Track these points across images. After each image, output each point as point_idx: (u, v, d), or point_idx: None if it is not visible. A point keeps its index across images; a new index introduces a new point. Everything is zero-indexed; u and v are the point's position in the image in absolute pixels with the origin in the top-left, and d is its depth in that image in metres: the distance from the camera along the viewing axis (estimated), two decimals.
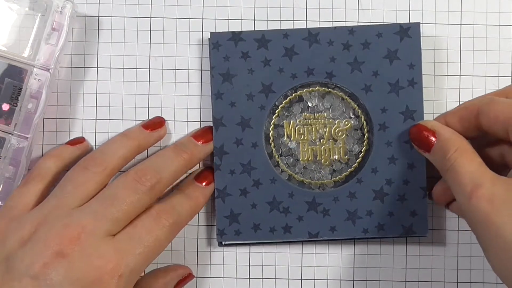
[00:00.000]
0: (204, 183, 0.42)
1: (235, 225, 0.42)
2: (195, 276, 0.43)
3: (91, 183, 0.39)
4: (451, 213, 0.44)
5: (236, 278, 0.43)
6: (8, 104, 0.41)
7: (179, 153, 0.41)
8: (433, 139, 0.39)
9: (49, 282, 0.34)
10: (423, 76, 0.43)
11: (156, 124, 0.43)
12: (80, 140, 0.43)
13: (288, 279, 0.44)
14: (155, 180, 0.39)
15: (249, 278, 0.43)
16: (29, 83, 0.41)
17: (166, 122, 0.43)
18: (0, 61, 0.41)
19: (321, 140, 0.43)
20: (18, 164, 0.41)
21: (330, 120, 0.43)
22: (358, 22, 0.44)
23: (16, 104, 0.41)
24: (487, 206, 0.34)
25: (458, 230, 0.44)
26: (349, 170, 0.43)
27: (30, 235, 0.36)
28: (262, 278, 0.44)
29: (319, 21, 0.44)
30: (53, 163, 0.41)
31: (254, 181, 0.42)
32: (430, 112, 0.44)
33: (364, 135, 0.43)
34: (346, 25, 0.44)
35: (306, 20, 0.44)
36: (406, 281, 0.44)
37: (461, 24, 0.44)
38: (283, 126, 0.43)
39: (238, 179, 0.42)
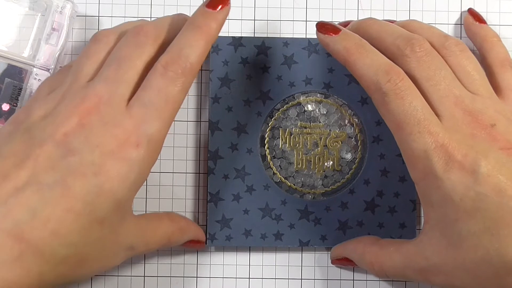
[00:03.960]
0: (219, 7, 0.37)
1: (226, 230, 0.42)
2: (195, 276, 0.43)
3: (102, 53, 0.38)
4: None
5: (236, 278, 0.43)
6: (8, 104, 0.41)
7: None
8: None
9: (70, 148, 0.34)
10: None
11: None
12: None
13: (288, 279, 0.44)
14: (156, 31, 0.37)
15: (249, 278, 0.44)
16: (29, 83, 0.41)
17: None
18: (0, 61, 0.41)
19: (316, 149, 0.43)
20: None
21: (326, 130, 0.43)
22: None
23: (16, 104, 0.41)
24: None
25: None
26: (342, 180, 0.43)
27: (51, 110, 0.36)
28: (262, 278, 0.44)
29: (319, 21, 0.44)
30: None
31: (247, 187, 0.43)
32: None
33: (358, 144, 0.43)
34: None
35: (306, 20, 0.44)
36: (405, 281, 0.44)
37: (461, 24, 0.44)
38: (279, 130, 0.43)
39: (231, 184, 0.42)
